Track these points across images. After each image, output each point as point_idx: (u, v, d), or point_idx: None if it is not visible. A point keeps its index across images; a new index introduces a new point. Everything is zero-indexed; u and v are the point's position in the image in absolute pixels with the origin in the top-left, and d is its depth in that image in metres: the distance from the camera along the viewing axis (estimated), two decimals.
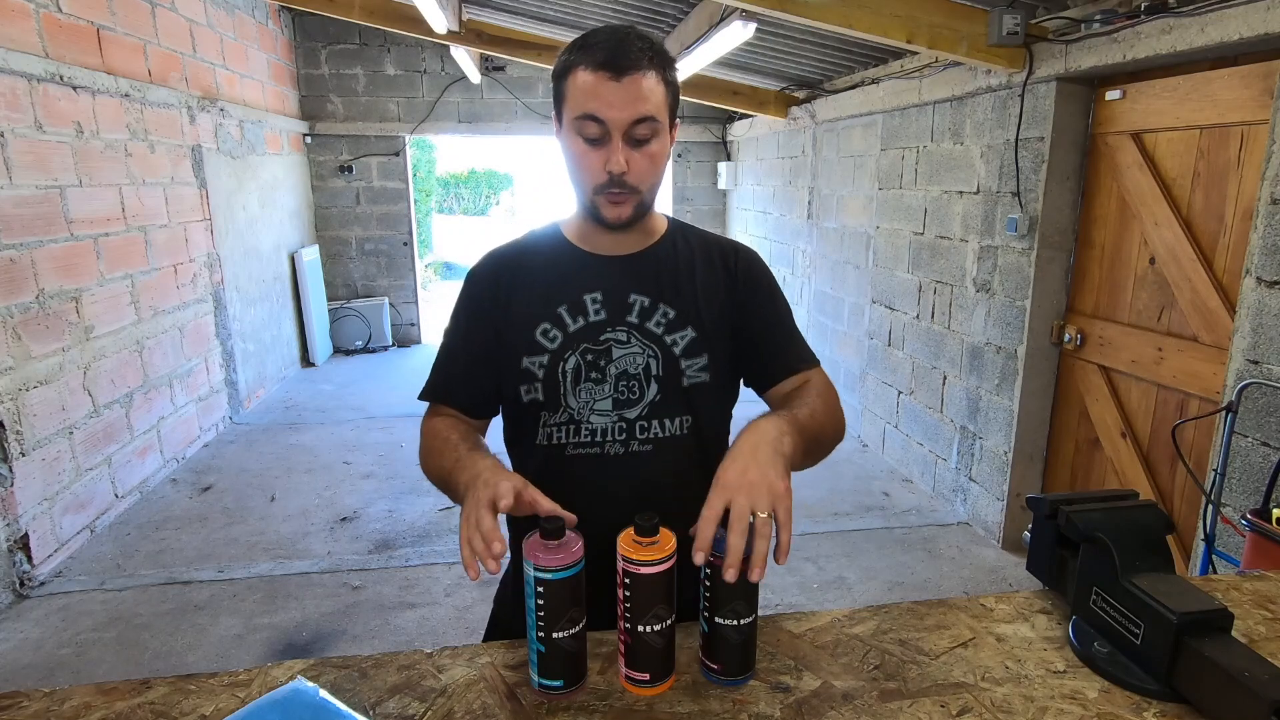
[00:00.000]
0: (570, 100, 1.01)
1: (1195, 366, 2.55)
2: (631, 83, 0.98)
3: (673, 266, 1.14)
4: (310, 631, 2.77)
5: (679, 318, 1.10)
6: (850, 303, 4.88)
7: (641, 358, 1.09)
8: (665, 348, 1.09)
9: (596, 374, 1.09)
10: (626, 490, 1.08)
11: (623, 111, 0.98)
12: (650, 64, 1.00)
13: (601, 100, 0.98)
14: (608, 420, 1.09)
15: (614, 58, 0.98)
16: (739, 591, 0.84)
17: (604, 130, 1.00)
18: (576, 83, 1.00)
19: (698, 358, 1.10)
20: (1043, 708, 0.82)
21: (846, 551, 3.38)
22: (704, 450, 1.13)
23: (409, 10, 4.88)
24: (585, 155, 1.02)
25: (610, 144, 1.00)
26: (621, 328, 1.10)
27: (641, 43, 1.00)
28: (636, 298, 1.11)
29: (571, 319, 1.10)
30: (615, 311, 1.10)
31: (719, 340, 1.12)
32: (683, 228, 1.20)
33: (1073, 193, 3.05)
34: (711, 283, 1.14)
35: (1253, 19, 2.12)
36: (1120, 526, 0.92)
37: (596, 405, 1.09)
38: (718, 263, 1.16)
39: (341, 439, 4.79)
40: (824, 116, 4.95)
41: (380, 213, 7.16)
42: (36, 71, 3.14)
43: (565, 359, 1.09)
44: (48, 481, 3.15)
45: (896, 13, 2.97)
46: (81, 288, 3.43)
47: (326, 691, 0.84)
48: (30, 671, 2.52)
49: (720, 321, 1.13)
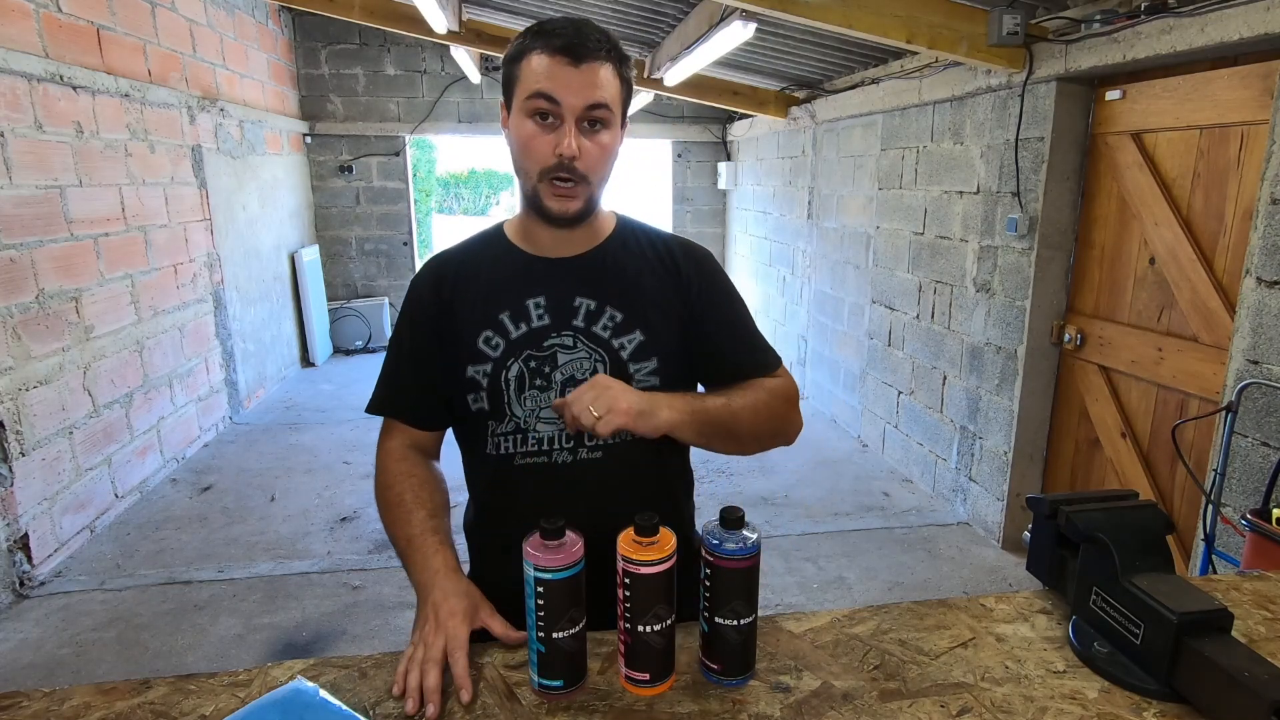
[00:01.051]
0: (523, 82, 0.99)
1: (1195, 366, 2.55)
2: (589, 69, 0.97)
3: (620, 267, 1.10)
4: (310, 631, 2.77)
5: (626, 320, 1.07)
6: (850, 303, 4.88)
7: (588, 362, 1.06)
8: (613, 351, 1.06)
9: (541, 380, 1.06)
10: (577, 500, 1.04)
11: (578, 96, 0.97)
12: (608, 55, 0.99)
13: (557, 82, 0.97)
14: (554, 428, 1.06)
15: (573, 44, 0.97)
16: (739, 591, 0.84)
17: (557, 111, 0.98)
18: (532, 65, 0.98)
19: (646, 361, 1.07)
20: (1043, 708, 0.82)
21: (846, 551, 3.38)
22: (656, 454, 1.10)
23: (409, 10, 4.88)
24: (534, 138, 1.00)
25: (562, 127, 0.98)
26: (567, 332, 1.07)
27: (599, 34, 1.00)
28: (582, 301, 1.08)
29: (514, 325, 1.07)
30: (560, 316, 1.07)
31: (669, 342, 1.09)
32: (631, 225, 1.16)
33: (1073, 193, 3.05)
34: (661, 284, 1.11)
35: (1253, 19, 2.12)
36: (1120, 526, 0.92)
37: (542, 413, 1.06)
38: (667, 263, 1.12)
39: (341, 439, 4.79)
40: (824, 116, 4.95)
41: (380, 213, 7.16)
42: (36, 71, 3.14)
43: (508, 367, 1.06)
44: (48, 481, 3.15)
45: (896, 13, 2.97)
46: (81, 288, 3.43)
47: (326, 691, 0.84)
48: (30, 671, 2.52)
49: (670, 323, 1.10)
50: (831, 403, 5.28)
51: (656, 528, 0.84)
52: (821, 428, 5.10)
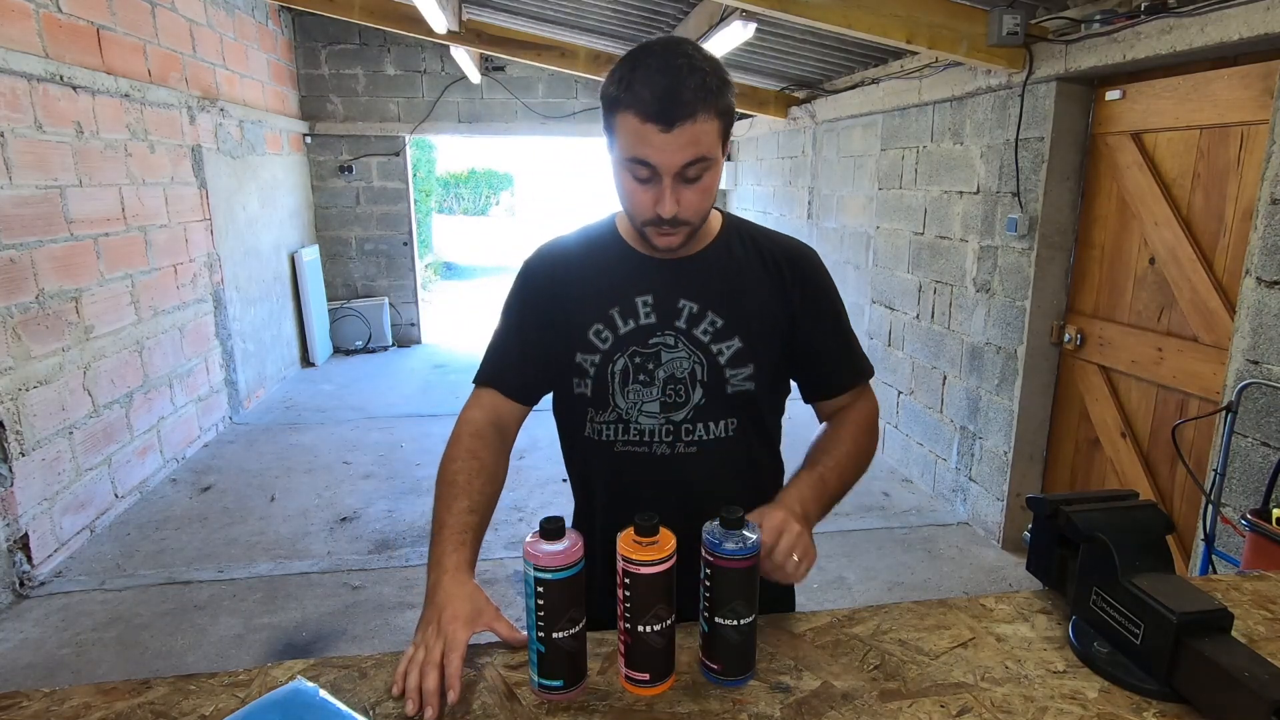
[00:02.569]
0: (619, 138, 0.99)
1: (1195, 366, 2.55)
2: (683, 132, 0.94)
3: (724, 272, 1.13)
4: (310, 631, 2.77)
5: (726, 326, 1.10)
6: (850, 303, 4.87)
7: (688, 363, 1.10)
8: (711, 356, 1.10)
9: (644, 376, 1.10)
10: (673, 489, 1.11)
11: (674, 158, 0.96)
12: (703, 105, 0.94)
13: (652, 148, 0.95)
14: (655, 422, 1.11)
15: (665, 109, 0.93)
16: (739, 591, 0.84)
17: (655, 173, 0.98)
18: (626, 126, 0.96)
19: (743, 367, 1.10)
20: (1043, 708, 0.82)
21: (846, 551, 3.38)
22: (749, 453, 1.16)
23: (409, 10, 4.88)
24: (636, 193, 1.01)
25: (661, 185, 0.98)
26: (670, 332, 1.10)
27: (694, 79, 0.93)
28: (686, 303, 1.11)
29: (623, 321, 1.11)
30: (665, 315, 1.11)
31: (767, 350, 1.12)
32: (739, 227, 1.19)
33: (1073, 193, 3.05)
34: (765, 291, 1.14)
35: (1253, 19, 2.12)
36: (1120, 526, 0.92)
37: (645, 407, 1.11)
38: (773, 270, 1.15)
39: (341, 439, 4.79)
40: (824, 116, 4.95)
41: (380, 213, 7.16)
42: (36, 71, 3.14)
43: (615, 360, 1.10)
44: (48, 481, 3.15)
45: (896, 13, 2.97)
46: (81, 288, 3.43)
47: (326, 691, 0.84)
48: (30, 671, 2.52)
49: (771, 332, 1.13)
50: None
51: (656, 528, 0.84)
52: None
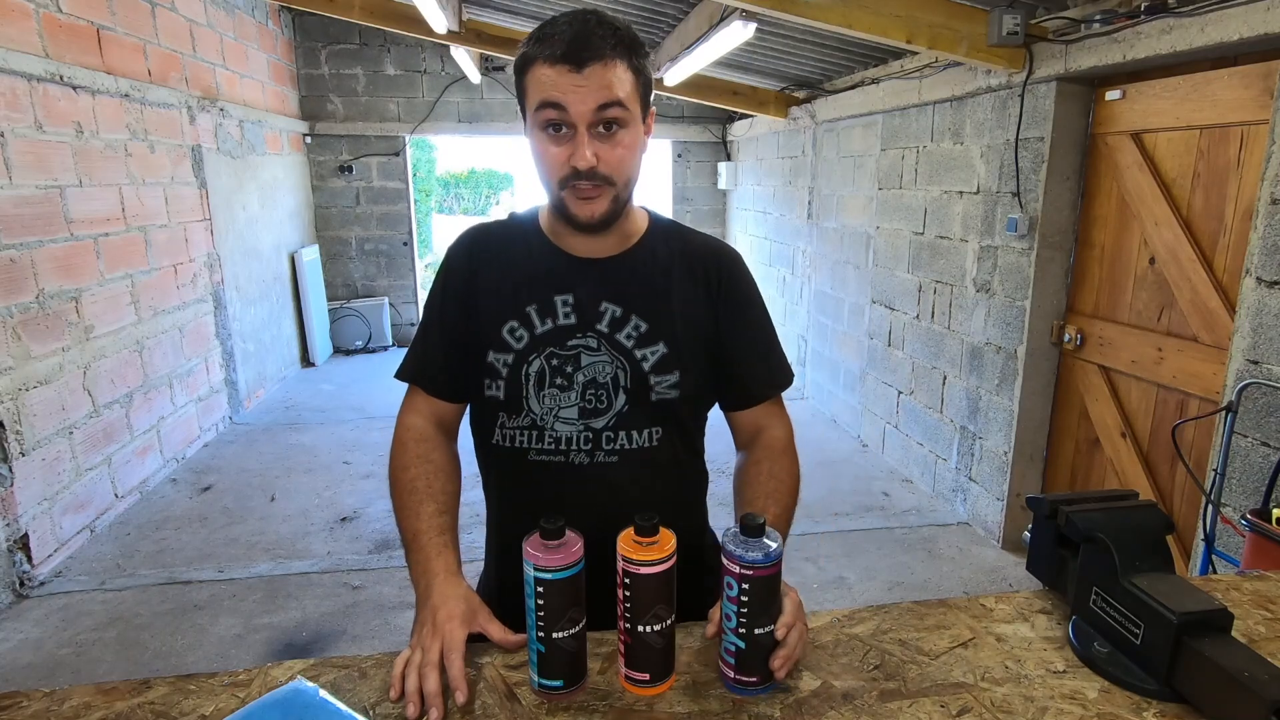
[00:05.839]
0: (530, 93, 0.96)
1: (1195, 366, 2.55)
2: (594, 72, 0.92)
3: (648, 275, 1.08)
4: (310, 631, 2.77)
5: (651, 332, 1.06)
6: (850, 303, 4.88)
7: (610, 368, 1.05)
8: (634, 362, 1.05)
9: (562, 380, 1.04)
10: (591, 500, 1.04)
11: (585, 101, 0.93)
12: (615, 51, 0.93)
13: (562, 90, 0.93)
14: (573, 429, 1.05)
15: (574, 48, 0.92)
16: (771, 598, 0.83)
17: (567, 120, 0.94)
18: (536, 76, 0.94)
19: (668, 374, 1.06)
20: (1043, 708, 0.82)
21: (846, 551, 3.38)
22: (673, 461, 1.10)
23: (409, 10, 4.88)
24: (549, 152, 0.97)
25: (576, 137, 0.95)
26: (591, 335, 1.05)
27: (604, 29, 0.93)
28: (608, 306, 1.06)
29: (540, 320, 1.06)
30: (585, 317, 1.05)
31: (692, 356, 1.07)
32: (665, 229, 1.14)
33: (1073, 193, 3.05)
34: (690, 296, 1.09)
35: (1253, 19, 2.12)
36: (1120, 526, 0.91)
37: (562, 412, 1.05)
38: (699, 273, 1.10)
39: (341, 439, 4.79)
40: (824, 116, 4.95)
41: (380, 213, 7.16)
42: (36, 71, 3.14)
43: (530, 361, 1.05)
44: (48, 481, 3.15)
45: (896, 13, 2.97)
46: (81, 288, 3.43)
47: (326, 691, 0.84)
48: (30, 671, 2.51)
49: (695, 338, 1.08)
50: (831, 403, 5.28)
51: (656, 528, 0.84)
52: (821, 428, 5.10)
